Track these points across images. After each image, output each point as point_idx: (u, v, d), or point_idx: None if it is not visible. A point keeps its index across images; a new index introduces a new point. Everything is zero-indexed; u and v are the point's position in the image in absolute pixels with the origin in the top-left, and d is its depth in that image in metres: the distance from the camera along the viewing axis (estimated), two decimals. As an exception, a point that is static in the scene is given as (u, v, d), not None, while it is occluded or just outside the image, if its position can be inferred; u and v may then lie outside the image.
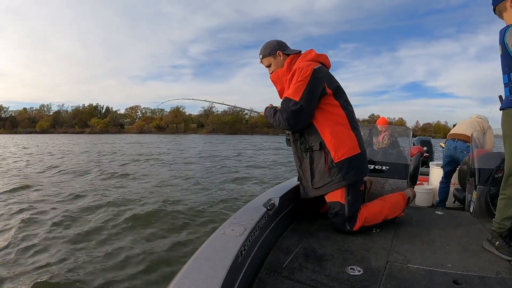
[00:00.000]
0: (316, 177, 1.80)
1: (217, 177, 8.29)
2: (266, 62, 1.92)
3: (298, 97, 1.68)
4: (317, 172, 1.80)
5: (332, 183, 1.76)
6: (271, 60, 1.90)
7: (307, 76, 1.69)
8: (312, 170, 1.81)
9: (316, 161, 1.80)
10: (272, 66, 1.91)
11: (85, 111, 75.84)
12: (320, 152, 1.78)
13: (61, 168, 9.95)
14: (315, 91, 1.71)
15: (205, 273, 0.93)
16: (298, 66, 1.75)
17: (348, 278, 1.27)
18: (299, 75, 1.71)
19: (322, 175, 1.78)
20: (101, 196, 5.76)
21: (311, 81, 1.69)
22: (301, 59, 1.83)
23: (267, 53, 1.90)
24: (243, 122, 75.06)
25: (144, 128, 71.96)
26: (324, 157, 1.77)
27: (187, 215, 4.60)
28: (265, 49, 1.91)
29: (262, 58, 1.93)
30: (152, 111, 79.76)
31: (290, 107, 1.69)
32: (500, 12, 1.54)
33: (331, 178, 1.76)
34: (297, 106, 1.68)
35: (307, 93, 1.69)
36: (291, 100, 1.70)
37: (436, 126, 73.83)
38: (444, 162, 3.38)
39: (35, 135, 53.77)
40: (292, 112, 1.69)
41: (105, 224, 4.20)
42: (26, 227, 3.99)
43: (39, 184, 7.00)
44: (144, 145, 24.17)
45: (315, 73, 1.72)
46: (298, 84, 1.70)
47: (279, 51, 1.89)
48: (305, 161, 1.84)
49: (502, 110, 1.54)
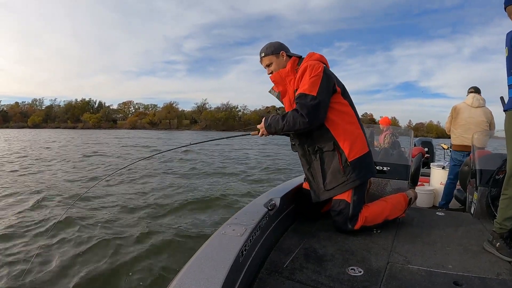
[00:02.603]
0: (328, 178, 1.81)
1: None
2: (268, 61, 1.92)
3: (315, 91, 1.68)
4: (329, 173, 1.80)
5: (347, 183, 1.77)
6: (273, 59, 1.90)
7: (320, 72, 1.71)
8: (324, 171, 1.81)
9: (327, 162, 1.81)
10: (272, 65, 1.91)
11: (77, 106, 75.16)
12: (332, 152, 1.78)
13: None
14: (329, 86, 1.73)
15: (206, 273, 0.95)
16: (308, 64, 1.76)
17: (349, 279, 1.29)
18: (311, 71, 1.72)
19: (335, 175, 1.79)
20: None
21: (324, 76, 1.71)
22: (307, 59, 1.85)
23: (270, 51, 1.90)
24: (236, 118, 75.09)
25: (137, 123, 71.75)
26: (338, 156, 1.77)
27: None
28: (268, 48, 1.91)
29: (264, 56, 1.92)
30: (145, 107, 79.93)
31: (309, 102, 1.66)
32: (510, 14, 1.55)
33: (346, 177, 1.77)
34: (316, 101, 1.67)
35: (322, 87, 1.69)
36: (308, 96, 1.68)
37: (428, 125, 74.44)
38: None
39: (27, 130, 53.18)
40: (312, 107, 1.66)
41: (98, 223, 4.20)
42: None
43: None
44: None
45: (326, 70, 1.75)
46: (313, 79, 1.70)
47: (283, 51, 1.90)
48: (314, 163, 1.85)
49: (506, 111, 1.56)
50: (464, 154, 3.29)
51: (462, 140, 3.35)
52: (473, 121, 3.31)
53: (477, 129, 3.17)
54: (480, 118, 3.28)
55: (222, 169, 9.51)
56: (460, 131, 3.39)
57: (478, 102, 3.32)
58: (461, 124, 3.39)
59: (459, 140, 3.40)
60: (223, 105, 76.82)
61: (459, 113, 3.41)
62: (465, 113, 3.37)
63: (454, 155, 3.45)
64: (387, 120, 4.94)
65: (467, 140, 3.26)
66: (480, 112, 3.31)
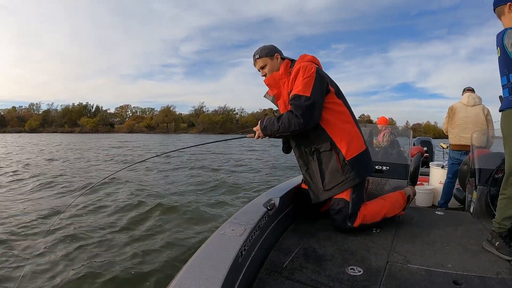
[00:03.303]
0: (327, 178, 1.82)
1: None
2: (262, 63, 1.94)
3: (309, 92, 1.70)
4: (327, 173, 1.82)
5: (346, 181, 1.79)
6: (268, 61, 1.92)
7: (313, 72, 1.74)
8: (322, 171, 1.83)
9: (325, 162, 1.82)
10: (267, 67, 1.93)
11: (74, 110, 75.29)
12: (330, 152, 1.80)
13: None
14: (322, 87, 1.76)
15: (206, 273, 0.96)
16: (301, 65, 1.78)
17: (348, 278, 1.29)
18: (304, 72, 1.74)
19: (334, 175, 1.80)
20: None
21: (317, 77, 1.74)
22: (299, 61, 1.87)
23: (264, 54, 1.92)
24: (233, 121, 75.51)
25: (134, 127, 71.79)
26: (335, 156, 1.79)
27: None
28: (263, 50, 1.94)
29: (258, 58, 1.94)
30: (142, 110, 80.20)
31: (304, 103, 1.69)
32: (499, 15, 1.59)
33: (345, 176, 1.79)
34: (310, 101, 1.69)
35: (316, 88, 1.72)
36: (302, 96, 1.70)
37: (425, 126, 74.89)
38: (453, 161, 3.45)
39: (24, 134, 53.03)
40: (306, 108, 1.68)
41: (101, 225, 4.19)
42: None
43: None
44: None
45: (319, 70, 1.77)
46: (306, 80, 1.72)
47: (277, 53, 1.93)
48: (312, 163, 1.86)
49: (502, 111, 1.57)
50: (462, 153, 3.33)
51: (460, 139, 3.38)
52: (469, 120, 3.34)
53: (474, 127, 3.20)
54: (476, 117, 3.31)
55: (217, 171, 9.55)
56: (457, 131, 3.42)
57: (474, 100, 3.35)
58: (458, 124, 3.42)
59: (457, 139, 3.42)
60: (221, 108, 77.39)
61: (455, 112, 3.44)
62: (461, 112, 3.40)
63: (452, 154, 3.49)
64: (384, 119, 4.98)
65: (464, 139, 3.30)
66: (476, 110, 3.33)
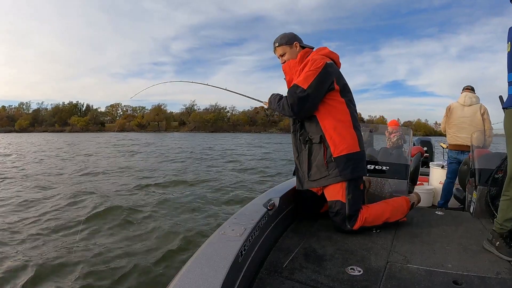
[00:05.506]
0: (313, 169, 1.89)
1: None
2: (281, 51, 2.00)
3: (306, 85, 1.77)
4: (314, 165, 1.88)
5: (328, 177, 1.84)
6: (287, 50, 1.99)
7: (319, 67, 1.79)
8: (310, 162, 1.90)
9: (314, 153, 1.88)
10: (286, 55, 2.00)
11: (65, 109, 74.93)
12: (319, 145, 1.86)
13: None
14: (324, 83, 1.80)
15: (205, 273, 0.97)
16: (312, 58, 1.85)
17: (348, 278, 1.31)
18: (311, 65, 1.81)
19: (319, 168, 1.86)
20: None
21: (322, 72, 1.79)
22: (315, 53, 1.93)
23: (284, 42, 1.99)
24: (225, 120, 75.69)
25: (125, 126, 71.64)
26: (323, 150, 1.84)
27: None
28: (282, 38, 2.00)
29: (278, 46, 2.00)
30: (133, 109, 79.94)
31: (297, 93, 1.77)
32: None
33: (328, 172, 1.84)
34: (303, 94, 1.76)
35: (316, 82, 1.77)
36: (299, 87, 1.78)
37: (416, 124, 76.69)
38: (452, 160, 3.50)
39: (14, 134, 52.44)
40: (298, 99, 1.77)
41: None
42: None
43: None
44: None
45: (327, 66, 1.81)
46: (308, 73, 1.79)
47: (296, 42, 1.98)
48: (303, 152, 1.93)
49: (505, 109, 1.58)
50: (459, 152, 3.38)
51: (456, 139, 3.44)
52: (466, 120, 3.38)
53: (470, 127, 3.25)
54: (473, 116, 3.35)
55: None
56: (453, 131, 3.48)
57: (470, 100, 3.40)
58: (454, 124, 3.47)
59: (453, 139, 3.48)
60: (212, 106, 77.57)
61: (452, 112, 3.49)
62: (457, 112, 3.45)
63: (450, 153, 3.55)
64: (395, 122, 5.22)
65: (460, 139, 3.36)
66: (472, 110, 3.37)
